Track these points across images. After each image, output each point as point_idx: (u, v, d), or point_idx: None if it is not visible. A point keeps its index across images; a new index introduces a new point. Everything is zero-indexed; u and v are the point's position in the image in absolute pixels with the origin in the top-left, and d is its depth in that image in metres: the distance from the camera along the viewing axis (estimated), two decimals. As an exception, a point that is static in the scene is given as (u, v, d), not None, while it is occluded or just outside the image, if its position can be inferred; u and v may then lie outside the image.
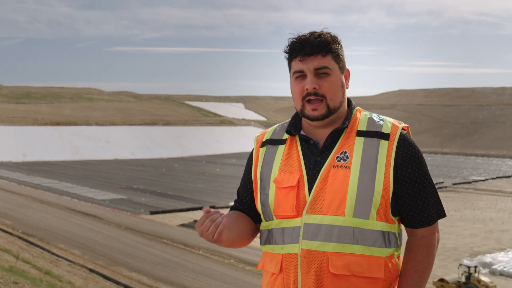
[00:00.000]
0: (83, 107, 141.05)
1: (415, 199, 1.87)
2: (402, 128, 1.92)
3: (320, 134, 1.94)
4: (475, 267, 25.64)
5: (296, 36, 1.91)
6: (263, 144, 2.03)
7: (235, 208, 2.09)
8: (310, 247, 1.81)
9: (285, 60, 1.97)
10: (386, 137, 1.87)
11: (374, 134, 1.88)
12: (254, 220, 2.06)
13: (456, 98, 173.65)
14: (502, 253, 32.78)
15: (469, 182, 71.56)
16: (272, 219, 1.93)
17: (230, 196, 48.86)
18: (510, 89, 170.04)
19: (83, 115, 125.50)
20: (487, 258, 31.12)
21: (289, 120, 2.03)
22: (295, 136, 1.98)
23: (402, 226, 1.96)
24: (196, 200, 48.74)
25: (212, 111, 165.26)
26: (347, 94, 1.99)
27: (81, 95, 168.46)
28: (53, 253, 23.75)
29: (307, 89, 1.87)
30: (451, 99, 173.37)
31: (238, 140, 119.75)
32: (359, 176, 1.81)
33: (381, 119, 1.94)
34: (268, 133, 2.06)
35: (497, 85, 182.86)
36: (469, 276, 25.17)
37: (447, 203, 51.75)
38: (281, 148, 1.98)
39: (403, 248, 1.97)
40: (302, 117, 1.95)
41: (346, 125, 1.91)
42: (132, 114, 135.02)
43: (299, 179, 1.87)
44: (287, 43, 1.92)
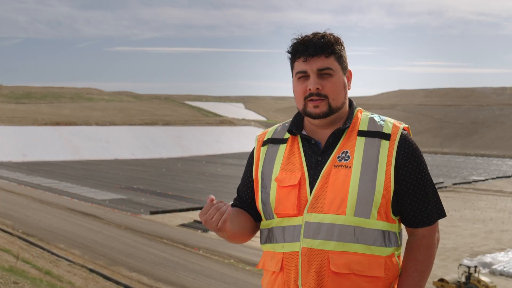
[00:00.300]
0: (83, 107, 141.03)
1: (416, 199, 1.89)
2: (403, 129, 1.93)
3: (322, 134, 1.95)
4: (475, 267, 25.64)
5: (299, 37, 1.91)
6: (264, 143, 2.05)
7: (235, 206, 2.11)
8: (311, 246, 1.82)
9: (286, 60, 1.99)
10: (387, 137, 1.88)
11: (375, 134, 1.90)
12: (254, 218, 2.07)
13: (456, 98, 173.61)
14: (502, 253, 32.77)
15: (469, 182, 71.55)
16: (273, 218, 1.94)
17: (230, 196, 48.58)
18: (510, 89, 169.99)
19: (83, 115, 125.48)
20: (487, 258, 31.11)
21: (291, 120, 2.04)
22: (297, 136, 1.99)
23: (402, 226, 1.97)
24: (196, 200, 48.76)
25: (212, 111, 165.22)
26: (348, 95, 2.00)
27: (81, 95, 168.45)
28: (53, 253, 23.76)
29: (310, 90, 1.88)
30: (451, 99, 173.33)
31: (238, 140, 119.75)
32: (360, 176, 1.83)
33: (382, 120, 1.96)
34: (270, 133, 2.07)
35: (497, 85, 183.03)
36: (469, 276, 25.18)
37: (447, 203, 51.75)
38: (283, 147, 1.99)
39: (403, 248, 1.99)
40: (304, 116, 1.96)
41: (348, 125, 1.92)
42: (132, 114, 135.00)
43: (301, 178, 1.88)
44: (290, 44, 1.93)
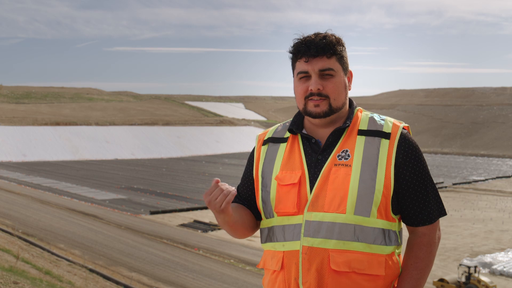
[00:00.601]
0: (83, 107, 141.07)
1: (416, 198, 1.89)
2: (403, 128, 1.94)
3: (322, 133, 1.96)
4: (475, 267, 25.66)
5: (301, 37, 1.92)
6: (265, 143, 2.06)
7: (235, 203, 2.11)
8: (312, 244, 1.83)
9: (286, 60, 2.01)
10: (387, 136, 1.89)
11: (375, 133, 1.91)
12: (254, 215, 2.08)
13: (456, 98, 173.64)
14: (502, 253, 32.76)
15: (469, 182, 71.60)
16: (273, 216, 1.95)
17: (230, 196, 48.74)
18: (510, 89, 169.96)
19: (83, 115, 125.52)
20: (487, 258, 31.11)
21: (291, 119, 2.05)
22: (297, 135, 2.00)
23: (403, 225, 1.97)
24: (196, 200, 48.77)
25: (212, 111, 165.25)
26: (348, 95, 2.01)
27: (81, 95, 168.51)
28: (53, 253, 23.78)
29: (311, 90, 1.89)
30: (451, 99, 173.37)
31: (238, 140, 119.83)
32: (360, 174, 1.83)
33: (382, 119, 1.97)
34: (270, 132, 2.08)
35: (497, 85, 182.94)
36: (469, 276, 25.19)
37: (447, 203, 51.76)
38: (283, 146, 2.00)
39: (404, 247, 1.99)
40: (305, 115, 1.97)
41: (348, 124, 1.93)
42: (132, 114, 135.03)
43: (301, 177, 1.89)
44: (292, 44, 1.94)
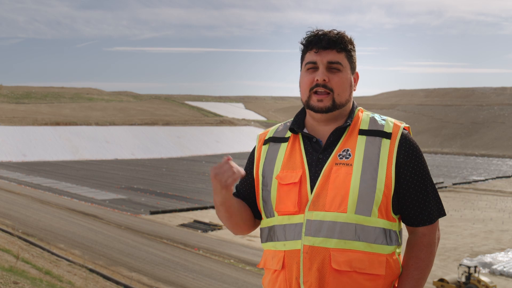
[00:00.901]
0: (83, 107, 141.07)
1: (417, 198, 1.90)
2: (404, 128, 1.95)
3: (323, 132, 1.96)
4: (475, 267, 25.67)
5: (315, 30, 1.95)
6: (266, 142, 2.06)
7: None
8: (313, 243, 1.83)
9: (286, 61, 2.05)
10: (388, 136, 1.90)
11: (376, 133, 1.91)
12: (253, 212, 2.08)
13: (456, 98, 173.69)
14: (502, 253, 32.77)
15: (469, 182, 71.62)
16: (274, 216, 1.95)
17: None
18: (510, 89, 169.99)
19: (83, 115, 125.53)
20: (487, 258, 31.12)
21: (292, 119, 2.05)
22: (298, 134, 2.00)
23: (403, 225, 1.98)
24: (196, 200, 48.76)
25: (212, 111, 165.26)
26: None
27: (81, 95, 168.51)
28: (53, 253, 23.78)
29: (317, 80, 1.90)
30: (451, 99, 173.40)
31: (238, 140, 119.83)
32: (361, 174, 1.84)
33: (383, 119, 1.97)
34: (271, 131, 2.09)
35: (497, 85, 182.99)
36: (469, 276, 25.20)
37: (447, 203, 51.76)
38: (284, 146, 2.01)
39: (404, 247, 1.99)
40: (307, 109, 1.98)
41: (349, 123, 1.93)
42: (132, 114, 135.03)
43: (302, 176, 1.89)
44: (305, 36, 1.96)
